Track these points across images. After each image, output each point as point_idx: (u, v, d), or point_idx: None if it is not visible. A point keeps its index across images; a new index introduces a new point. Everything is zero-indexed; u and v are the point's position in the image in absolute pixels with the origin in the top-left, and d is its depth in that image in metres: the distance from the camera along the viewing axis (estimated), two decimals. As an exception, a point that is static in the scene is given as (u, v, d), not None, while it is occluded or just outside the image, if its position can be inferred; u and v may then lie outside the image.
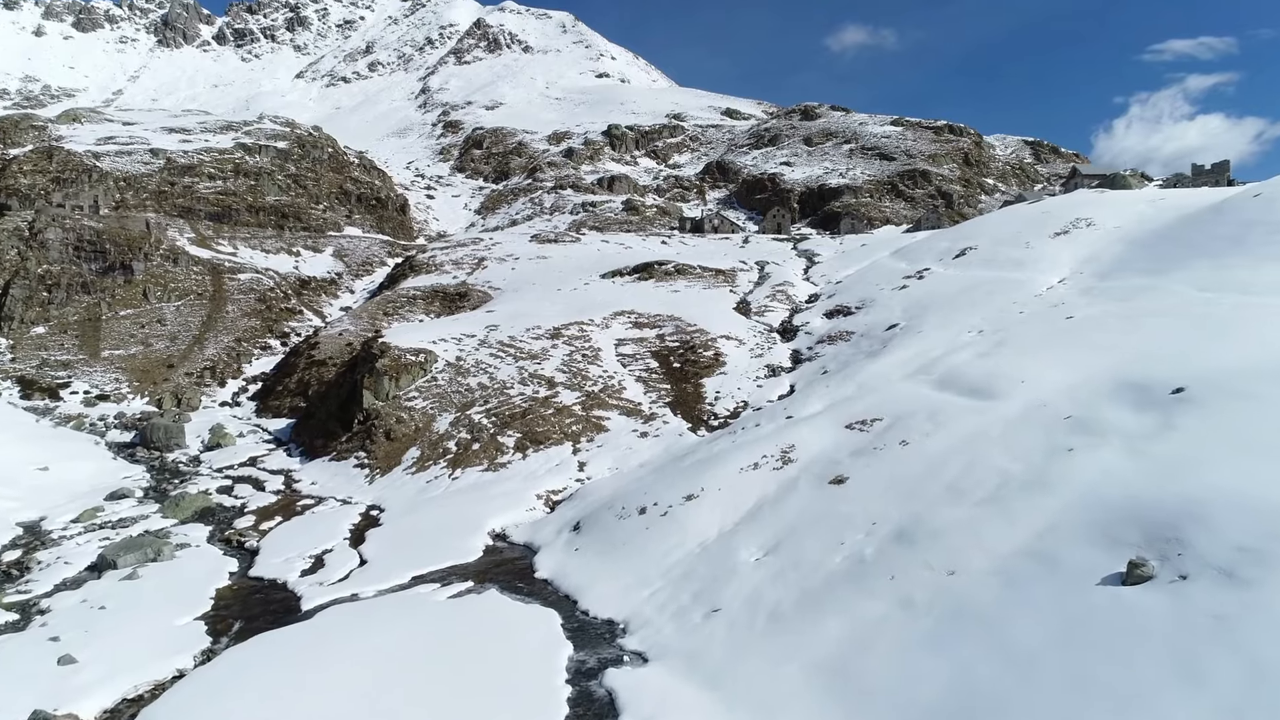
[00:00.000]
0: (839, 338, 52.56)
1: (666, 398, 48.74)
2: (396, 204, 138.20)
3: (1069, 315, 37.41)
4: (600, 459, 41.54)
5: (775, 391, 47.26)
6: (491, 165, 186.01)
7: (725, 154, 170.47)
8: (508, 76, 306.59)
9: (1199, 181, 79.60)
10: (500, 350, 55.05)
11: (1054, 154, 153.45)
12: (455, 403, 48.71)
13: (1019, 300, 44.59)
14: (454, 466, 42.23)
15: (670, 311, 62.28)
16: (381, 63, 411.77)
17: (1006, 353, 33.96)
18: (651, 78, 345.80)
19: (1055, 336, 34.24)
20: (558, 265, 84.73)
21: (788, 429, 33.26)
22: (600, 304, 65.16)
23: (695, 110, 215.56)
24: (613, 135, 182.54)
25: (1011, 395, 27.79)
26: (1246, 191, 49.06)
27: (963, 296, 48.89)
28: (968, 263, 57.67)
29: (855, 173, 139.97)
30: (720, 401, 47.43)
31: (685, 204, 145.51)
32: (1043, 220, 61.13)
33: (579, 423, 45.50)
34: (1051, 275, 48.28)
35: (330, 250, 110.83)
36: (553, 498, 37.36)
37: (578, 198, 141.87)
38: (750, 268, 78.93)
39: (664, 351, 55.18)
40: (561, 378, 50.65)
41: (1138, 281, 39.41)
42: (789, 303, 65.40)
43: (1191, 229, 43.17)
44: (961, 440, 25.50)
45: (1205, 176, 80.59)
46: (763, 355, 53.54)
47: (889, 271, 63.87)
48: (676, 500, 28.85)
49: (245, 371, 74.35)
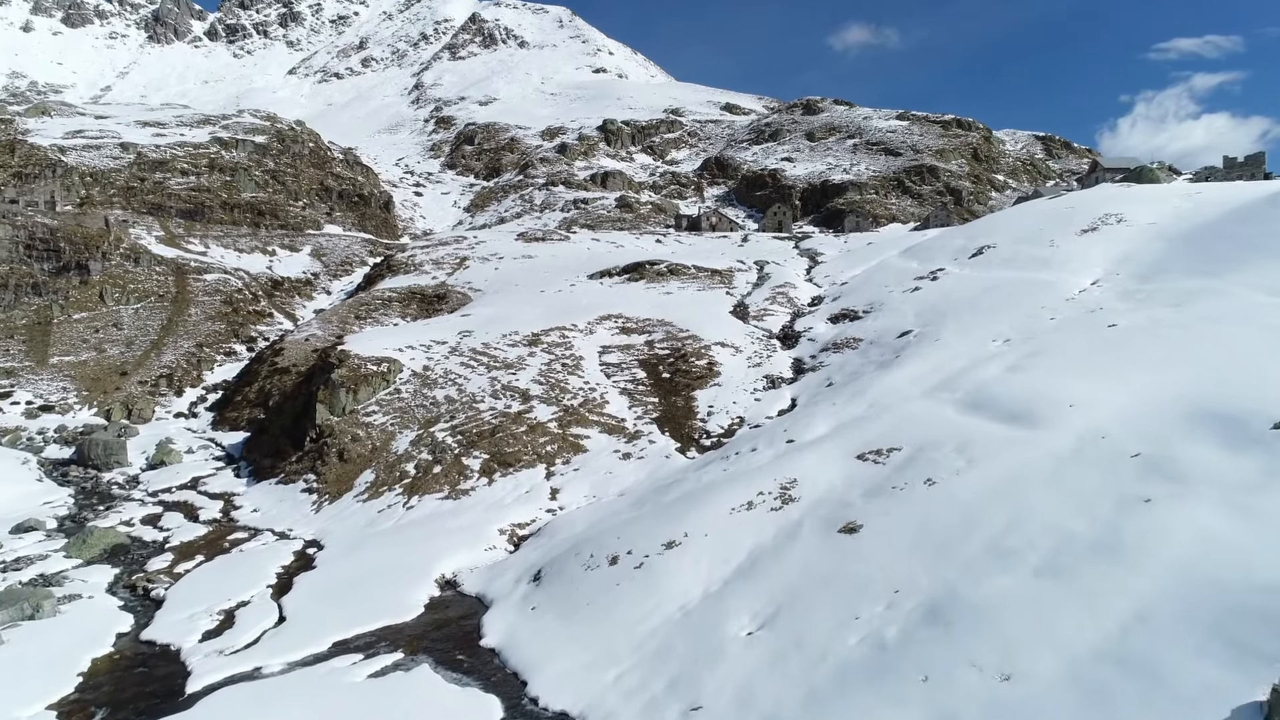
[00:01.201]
0: (845, 345, 47.96)
1: (654, 413, 44.12)
2: (380, 201, 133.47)
3: (1111, 323, 32.85)
4: (576, 485, 36.93)
5: (775, 406, 42.70)
6: (483, 162, 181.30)
7: (724, 150, 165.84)
8: (503, 72, 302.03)
9: (1233, 175, 75.08)
10: (472, 359, 50.45)
11: (1066, 149, 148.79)
12: (418, 418, 44.08)
13: (1049, 304, 39.98)
14: (411, 493, 37.60)
15: (661, 315, 57.68)
16: (375, 58, 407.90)
17: (1043, 367, 29.37)
18: (650, 73, 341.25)
19: (1100, 349, 29.65)
20: (544, 265, 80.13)
21: (788, 457, 28.66)
22: (586, 307, 60.57)
23: (694, 105, 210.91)
24: (608, 131, 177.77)
25: (1058, 423, 23.20)
26: (1300, 183, 44.59)
27: (984, 300, 44.28)
28: (986, 262, 53.05)
29: (859, 168, 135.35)
30: (713, 417, 42.82)
31: (682, 201, 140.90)
32: (1067, 216, 56.53)
33: (554, 442, 40.88)
34: (1083, 276, 43.66)
35: (308, 249, 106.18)
36: (518, 532, 32.76)
37: (569, 194, 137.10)
38: (749, 268, 74.32)
39: (653, 360, 50.57)
40: (538, 390, 46.03)
41: (1189, 284, 34.79)
42: (790, 306, 60.80)
43: (1247, 224, 38.58)
44: (1002, 481, 20.92)
45: (1239, 169, 76.06)
46: (761, 364, 48.94)
47: (899, 272, 59.26)
48: (655, 548, 24.24)
49: (206, 379, 69.71)
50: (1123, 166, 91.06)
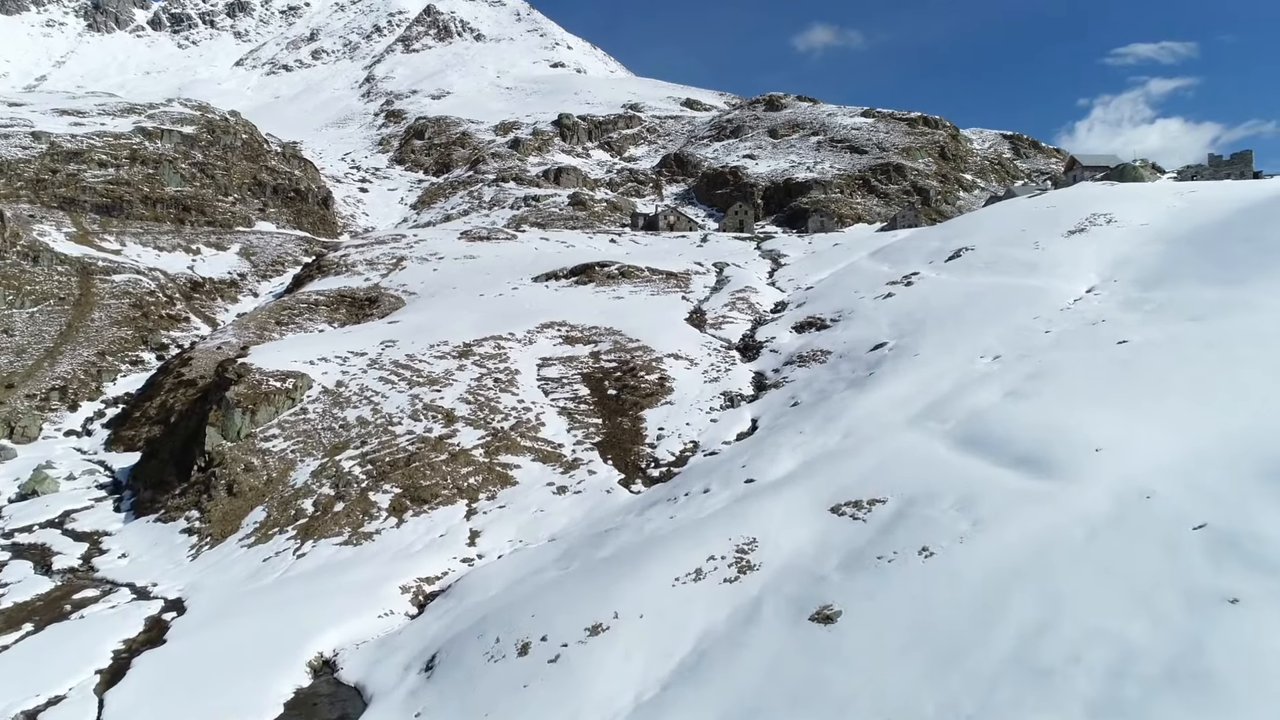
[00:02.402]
0: (812, 358, 43.31)
1: (596, 436, 39.07)
2: (319, 197, 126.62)
3: (1121, 339, 28.46)
4: (500, 527, 31.78)
5: (733, 429, 37.91)
6: (433, 157, 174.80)
7: (684, 146, 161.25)
8: (457, 65, 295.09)
9: (1220, 174, 72.02)
10: (394, 373, 45.00)
11: (1035, 149, 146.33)
12: (324, 444, 38.58)
13: (1042, 315, 35.64)
14: (305, 536, 32.15)
15: (609, 323, 52.67)
16: (326, 50, 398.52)
17: (1050, 394, 24.82)
18: (610, 68, 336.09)
19: (1115, 373, 25.15)
20: (486, 266, 74.70)
21: (747, 504, 23.78)
22: (527, 313, 55.35)
23: (654, 101, 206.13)
24: (563, 125, 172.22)
25: (1085, 472, 18.58)
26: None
27: (967, 309, 39.87)
28: (966, 266, 48.77)
29: (824, 166, 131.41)
30: (664, 442, 37.88)
31: (640, 199, 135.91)
32: (1051, 216, 52.52)
33: (479, 473, 35.65)
34: (1076, 283, 39.43)
35: (236, 248, 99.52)
36: (425, 589, 27.54)
37: (520, 191, 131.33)
38: (707, 270, 69.56)
39: (597, 374, 45.52)
40: (464, 410, 40.74)
41: (1207, 294, 30.52)
42: (751, 313, 56.11)
43: (1266, 226, 34.50)
44: (1022, 556, 16.20)
45: (1226, 167, 73.05)
46: (718, 379, 44.13)
47: (869, 276, 54.86)
48: (576, 631, 19.19)
49: (106, 392, 63.22)
50: (1102, 164, 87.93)
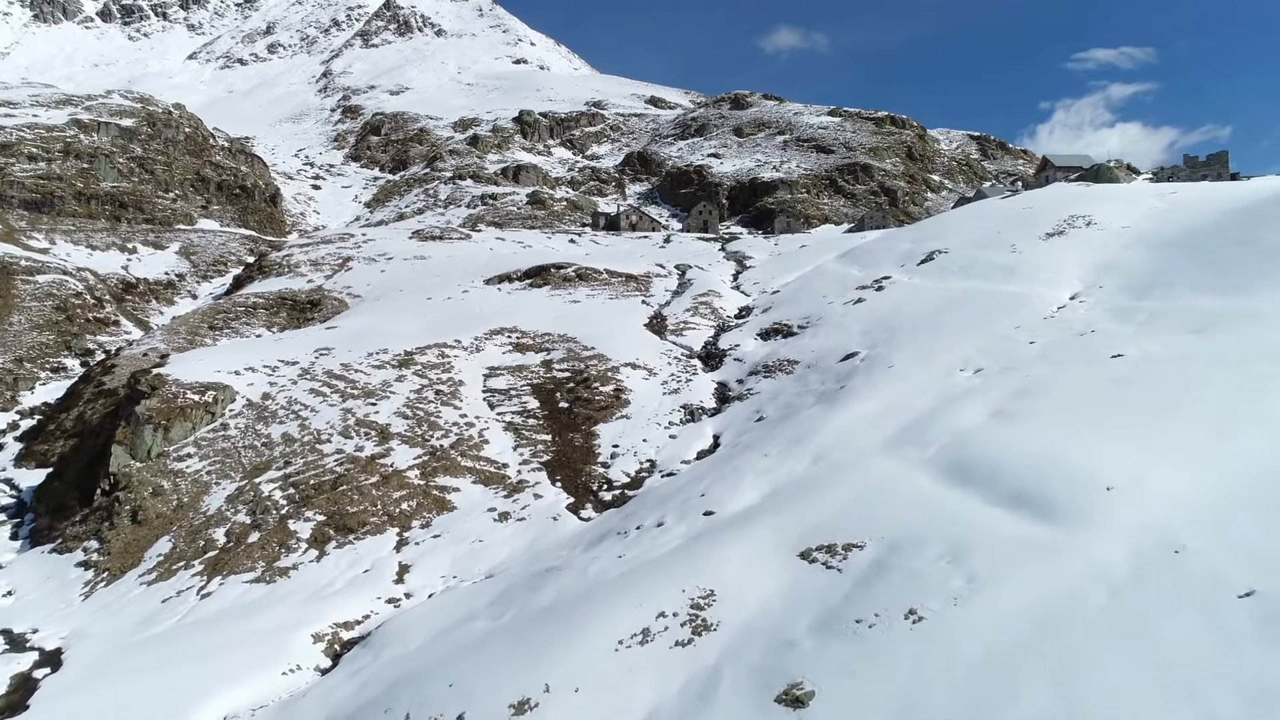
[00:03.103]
0: (779, 369, 40.69)
1: (544, 454, 36.08)
2: (266, 194, 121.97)
3: (1116, 352, 26.04)
4: (433, 560, 28.68)
5: (693, 446, 35.19)
6: (389, 154, 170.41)
7: (648, 145, 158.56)
8: (417, 60, 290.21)
9: (1196, 175, 70.76)
10: (327, 384, 41.66)
11: (1002, 150, 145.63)
12: (244, 464, 35.19)
13: (1024, 323, 33.26)
14: (212, 572, 28.81)
15: (564, 329, 49.72)
16: (282, 44, 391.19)
17: (1043, 416, 22.29)
18: (573, 66, 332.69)
19: (1113, 392, 22.68)
20: (437, 268, 71.35)
21: (705, 544, 20.97)
22: (476, 318, 52.22)
23: (617, 98, 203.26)
24: (524, 122, 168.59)
25: (1095, 516, 15.98)
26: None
27: (944, 316, 37.46)
28: (940, 270, 46.47)
29: (790, 166, 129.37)
30: (618, 460, 35.03)
31: (602, 198, 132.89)
32: (1026, 218, 50.45)
33: (413, 497, 32.51)
34: (1059, 289, 37.17)
35: (176, 247, 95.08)
36: (342, 636, 24.40)
37: (478, 189, 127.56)
38: (669, 273, 66.81)
39: (549, 385, 42.54)
40: (401, 426, 37.54)
41: (1206, 303, 28.25)
42: (714, 318, 53.45)
43: (1264, 229, 32.40)
44: (1034, 627, 13.50)
45: (1203, 168, 71.82)
46: (679, 391, 41.36)
47: (838, 279, 52.42)
48: (499, 709, 16.18)
49: (23, 401, 59.05)
50: (1075, 165, 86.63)
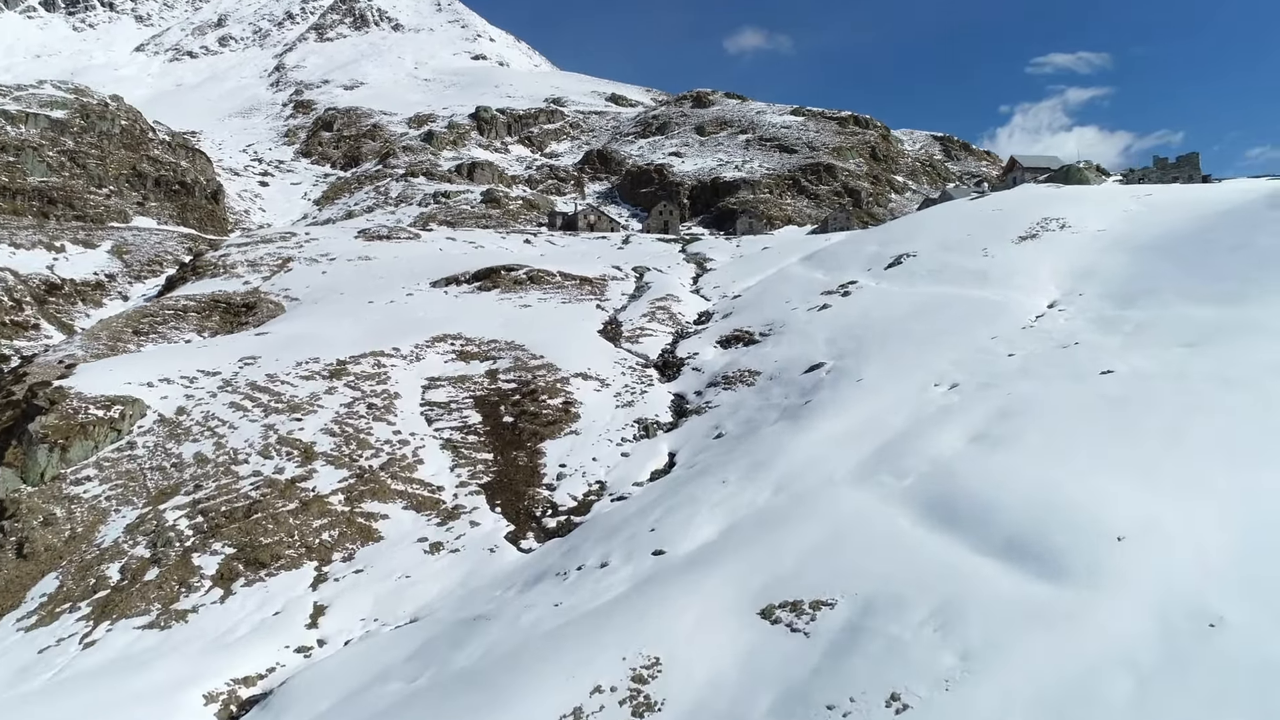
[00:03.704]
0: (739, 380, 38.29)
1: (484, 475, 33.27)
2: (207, 190, 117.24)
3: (1104, 368, 23.91)
4: (352, 599, 25.74)
5: (647, 466, 32.69)
6: (341, 150, 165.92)
7: (609, 143, 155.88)
8: (373, 55, 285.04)
9: (1167, 176, 69.67)
10: (249, 397, 38.44)
11: (965, 151, 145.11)
12: (149, 489, 31.93)
13: (1001, 333, 31.15)
14: (101, 615, 25.61)
15: (512, 335, 46.90)
16: (234, 37, 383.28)
17: (1031, 441, 19.99)
18: (534, 62, 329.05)
19: (1107, 415, 20.45)
20: (382, 269, 68.05)
21: (652, 593, 18.37)
22: (418, 323, 49.20)
23: (578, 95, 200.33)
24: (481, 119, 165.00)
25: (1106, 571, 13.59)
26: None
27: (915, 324, 35.28)
28: (909, 274, 44.39)
29: (753, 165, 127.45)
30: (565, 482, 32.35)
31: (560, 197, 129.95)
32: (997, 220, 48.61)
33: (336, 525, 29.52)
34: (1037, 296, 35.20)
35: (108, 245, 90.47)
36: (240, 695, 21.44)
37: (430, 187, 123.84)
38: (626, 275, 64.20)
39: (493, 397, 39.71)
40: (327, 444, 34.49)
41: (1197, 313, 26.24)
42: (672, 324, 50.95)
43: (1255, 232, 30.55)
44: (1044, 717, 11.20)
45: (1174, 170, 70.81)
46: (633, 404, 38.79)
47: (802, 284, 50.21)
48: (398, 814, 13.48)
49: (-74, 412, 54.84)
50: (1043, 166, 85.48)
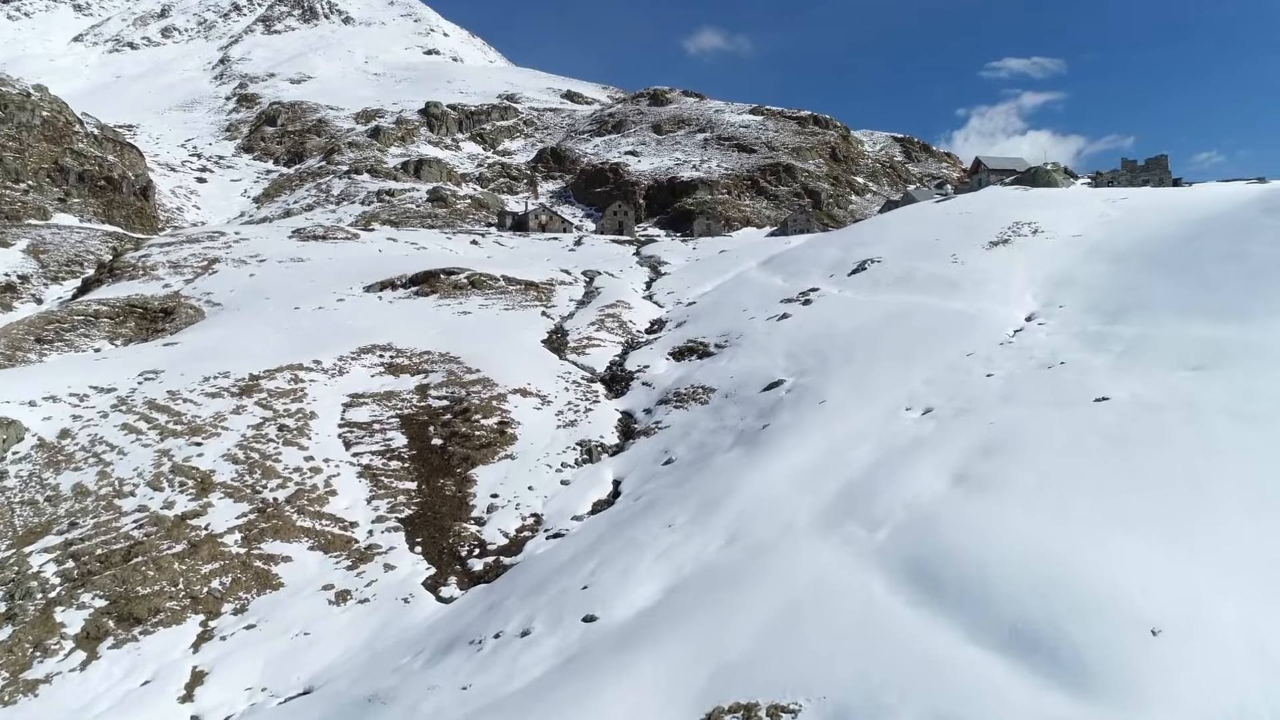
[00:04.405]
0: (692, 397, 35.37)
1: (405, 508, 29.89)
2: (136, 187, 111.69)
3: (1098, 395, 21.20)
4: (238, 665, 22.26)
5: (589, 494, 29.67)
6: (285, 145, 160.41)
7: (563, 140, 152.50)
8: (322, 48, 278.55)
9: (1138, 179, 68.17)
10: (146, 417, 34.63)
11: (926, 152, 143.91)
12: (15, 527, 28.06)
13: (977, 350, 28.51)
14: (-63, 687, 21.84)
15: (448, 346, 43.52)
16: (178, 28, 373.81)
17: (1022, 484, 17.08)
18: (489, 58, 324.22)
19: (1110, 454, 17.60)
20: (313, 272, 64.13)
21: (576, 679, 15.20)
22: (346, 333, 45.60)
23: (532, 92, 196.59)
24: (431, 115, 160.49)
25: (1145, 683, 10.78)
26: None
27: (883, 338, 32.60)
28: (873, 281, 41.80)
29: (711, 165, 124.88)
30: (496, 515, 29.14)
31: (513, 196, 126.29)
32: (965, 224, 46.28)
33: (230, 570, 25.97)
34: (1014, 307, 32.71)
35: (23, 244, 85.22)
36: (87, 795, 17.91)
37: (375, 185, 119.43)
38: (575, 280, 61.02)
39: (422, 417, 36.32)
40: (228, 473, 30.85)
41: (1193, 330, 23.75)
42: (623, 333, 47.93)
43: (1249, 239, 28.24)
44: None
45: (1144, 173, 69.32)
46: (576, 423, 35.69)
47: (761, 290, 47.49)
48: None
49: None
50: (1010, 168, 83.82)
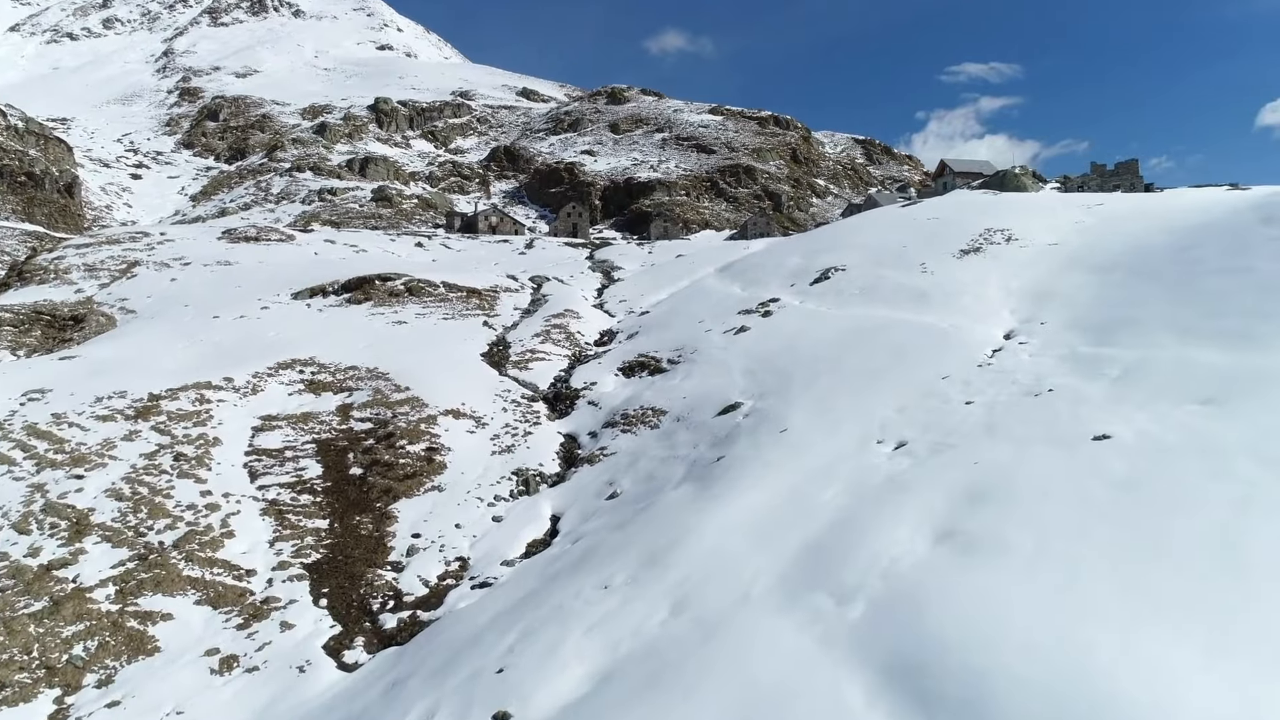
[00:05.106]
0: (641, 420, 32.39)
1: (313, 551, 26.50)
2: (60, 183, 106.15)
3: (1098, 432, 18.42)
4: (90, 757, 18.84)
5: (524, 533, 26.59)
6: (227, 141, 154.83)
7: (518, 139, 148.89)
8: (271, 42, 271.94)
9: (1108, 184, 66.54)
10: (22, 445, 30.80)
11: (887, 155, 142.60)
12: None
13: (953, 372, 25.83)
14: None
15: (377, 361, 40.08)
16: (121, 19, 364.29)
17: (1024, 547, 14.17)
18: (444, 54, 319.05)
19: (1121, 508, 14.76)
20: (241, 276, 60.15)
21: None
22: (266, 345, 41.96)
23: (487, 89, 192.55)
24: (380, 111, 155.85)
25: None
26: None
27: (850, 356, 29.85)
28: (838, 292, 39.13)
29: (669, 166, 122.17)
30: (418, 558, 25.90)
31: (464, 195, 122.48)
32: (934, 230, 43.89)
33: (97, 632, 22.42)
34: (990, 323, 30.14)
35: (-69, 244, 79.93)
36: None
37: (317, 183, 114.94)
38: (521, 286, 57.77)
39: (342, 442, 32.89)
40: (109, 512, 27.21)
41: (1198, 354, 21.20)
42: (570, 345, 44.83)
43: (1249, 252, 25.89)
44: None
45: (1114, 178, 67.65)
46: (513, 449, 32.53)
47: (718, 300, 44.68)
48: None
49: None
50: (976, 171, 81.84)
